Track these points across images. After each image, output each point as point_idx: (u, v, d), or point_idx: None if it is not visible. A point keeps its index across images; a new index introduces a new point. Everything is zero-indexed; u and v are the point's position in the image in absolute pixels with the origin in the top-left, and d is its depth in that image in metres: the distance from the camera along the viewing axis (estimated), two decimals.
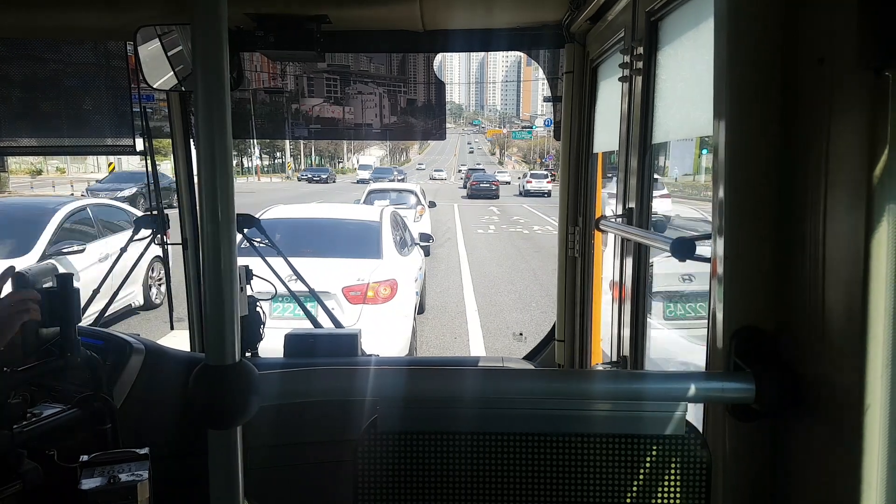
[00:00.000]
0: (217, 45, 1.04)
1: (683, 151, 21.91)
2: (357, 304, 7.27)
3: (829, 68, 1.09)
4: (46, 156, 45.64)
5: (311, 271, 5.41)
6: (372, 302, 7.33)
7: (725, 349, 1.30)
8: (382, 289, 7.43)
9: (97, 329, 2.97)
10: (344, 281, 7.33)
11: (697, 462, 1.32)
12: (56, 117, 3.08)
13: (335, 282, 7.29)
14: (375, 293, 7.37)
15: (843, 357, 1.07)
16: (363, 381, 1.27)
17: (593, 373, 1.96)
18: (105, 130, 3.05)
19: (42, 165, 64.00)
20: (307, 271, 4.17)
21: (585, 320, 3.01)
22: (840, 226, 1.07)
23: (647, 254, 2.26)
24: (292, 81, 3.53)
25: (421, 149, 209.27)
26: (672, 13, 1.93)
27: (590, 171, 2.93)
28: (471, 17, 2.90)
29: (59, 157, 66.32)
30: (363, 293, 7.32)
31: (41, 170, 62.27)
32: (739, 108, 1.26)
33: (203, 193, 1.06)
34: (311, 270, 5.66)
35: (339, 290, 7.27)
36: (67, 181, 50.51)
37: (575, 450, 1.33)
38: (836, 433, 1.10)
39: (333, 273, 7.41)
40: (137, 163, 48.52)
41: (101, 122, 3.05)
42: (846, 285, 1.06)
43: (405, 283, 7.97)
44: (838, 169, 1.07)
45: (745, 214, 1.27)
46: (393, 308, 7.49)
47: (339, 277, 7.35)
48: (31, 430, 1.98)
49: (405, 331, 7.74)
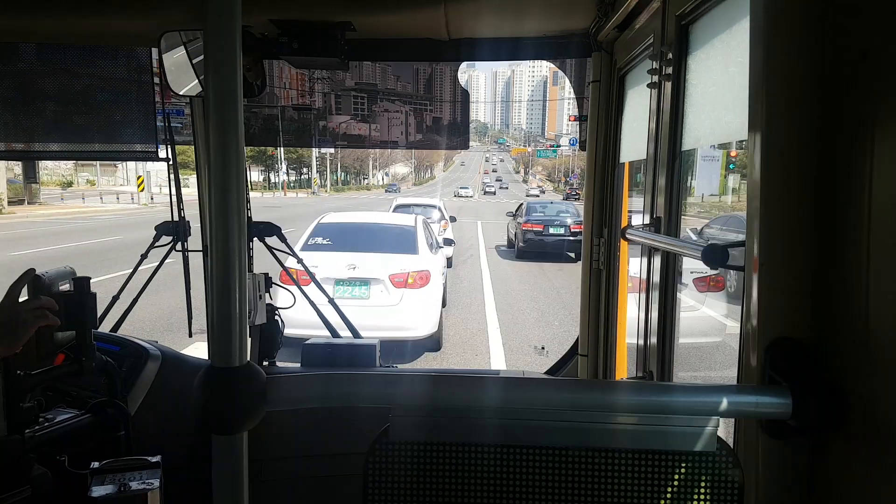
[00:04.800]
0: (230, 51, 1.04)
1: (709, 170, 21.53)
2: (400, 288, 9.36)
3: (874, 62, 1.03)
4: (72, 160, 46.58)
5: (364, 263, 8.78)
6: (411, 287, 9.43)
7: (760, 361, 1.24)
8: (419, 277, 9.53)
9: (114, 335, 2.96)
10: (390, 270, 9.41)
11: (728, 481, 1.25)
12: (80, 123, 3.11)
13: (383, 270, 9.37)
14: (414, 280, 9.46)
15: (888, 371, 1.01)
16: (375, 388, 1.23)
17: (618, 383, 1.89)
18: (129, 136, 3.08)
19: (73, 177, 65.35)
20: (361, 263, 6.86)
21: (610, 334, 2.94)
22: (886, 230, 1.01)
23: (675, 264, 2.19)
24: (320, 99, 3.56)
25: (446, 166, 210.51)
26: (703, 16, 1.89)
27: (616, 181, 2.88)
28: (496, 25, 2.88)
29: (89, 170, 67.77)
30: (405, 280, 9.41)
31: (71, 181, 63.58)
32: (776, 109, 1.21)
33: (214, 198, 1.05)
34: (364, 262, 9.08)
35: (386, 276, 9.34)
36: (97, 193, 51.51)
37: (598, 465, 1.27)
38: (880, 455, 1.03)
39: (381, 264, 9.51)
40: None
41: (125, 128, 3.08)
42: (893, 294, 0.99)
43: (435, 274, 10.07)
44: (884, 170, 1.01)
45: (782, 219, 1.22)
46: (427, 292, 9.58)
47: (385, 267, 9.44)
48: (42, 435, 1.96)
49: (436, 310, 9.84)
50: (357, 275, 9.21)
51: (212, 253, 1.07)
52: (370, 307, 9.07)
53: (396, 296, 9.29)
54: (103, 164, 66.02)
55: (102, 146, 3.14)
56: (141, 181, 45.10)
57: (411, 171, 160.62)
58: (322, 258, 9.24)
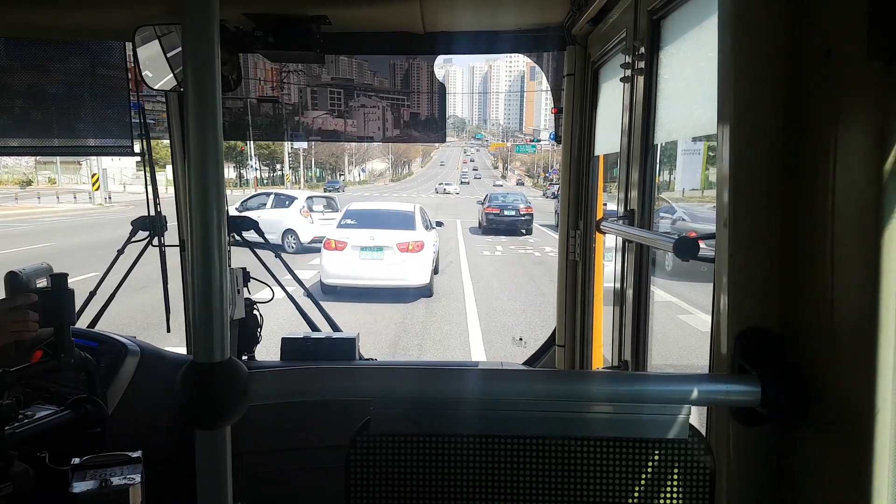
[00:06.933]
0: (208, 45, 1.03)
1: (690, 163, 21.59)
2: (403, 252, 14.66)
3: (837, 60, 1.05)
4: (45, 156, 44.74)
5: (379, 235, 14.60)
6: (410, 252, 14.73)
7: (730, 351, 1.26)
8: (416, 246, 14.83)
9: (92, 331, 2.94)
10: (396, 240, 14.79)
11: (701, 467, 1.28)
12: (54, 118, 3.06)
13: (392, 240, 14.74)
14: (413, 247, 14.77)
15: (852, 360, 1.03)
16: (356, 381, 1.24)
17: (593, 374, 1.92)
18: (103, 131, 3.04)
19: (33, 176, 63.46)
20: (377, 236, 14.40)
21: (586, 325, 2.98)
22: (849, 223, 1.04)
23: (649, 256, 2.23)
24: (296, 93, 3.53)
25: (424, 162, 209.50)
26: (674, 11, 1.92)
27: (591, 174, 2.91)
28: (472, 18, 2.89)
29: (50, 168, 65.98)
30: (407, 246, 14.72)
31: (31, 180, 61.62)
32: (744, 104, 1.23)
33: (193, 192, 1.05)
34: (379, 235, 14.68)
35: (394, 244, 14.67)
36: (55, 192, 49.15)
37: (574, 453, 1.29)
38: (844, 439, 1.06)
39: (390, 236, 14.87)
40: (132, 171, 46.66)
41: (99, 123, 3.04)
42: (856, 285, 1.02)
43: (427, 244, 15.46)
44: (847, 164, 1.04)
45: (749, 212, 1.24)
46: (421, 255, 14.91)
47: (392, 238, 14.83)
48: (22, 432, 1.95)
49: (428, 269, 15.09)
50: (375, 244, 14.68)
51: (191, 248, 1.07)
52: (383, 265, 14.55)
53: (401, 258, 14.60)
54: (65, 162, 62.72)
55: (75, 141, 3.11)
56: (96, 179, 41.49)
57: (388, 167, 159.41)
58: (352, 233, 14.98)
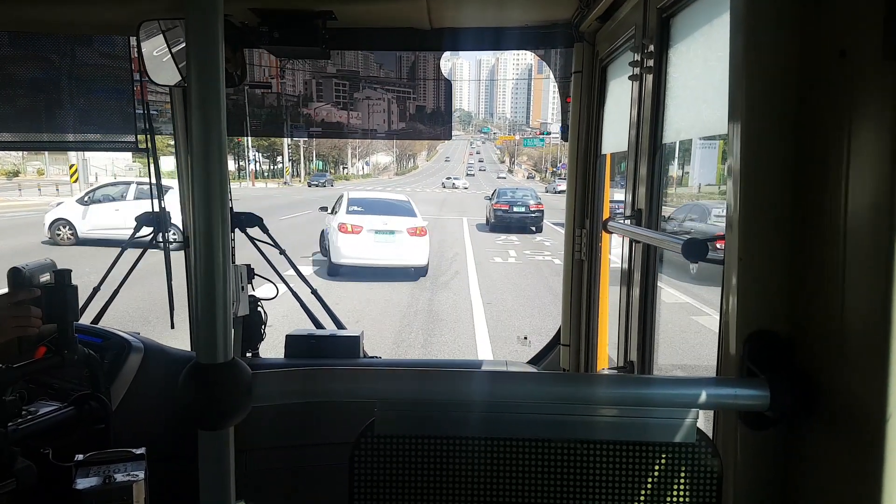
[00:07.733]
0: (212, 40, 1.02)
1: (706, 159, 21.47)
2: (413, 236, 16.98)
3: (852, 61, 1.04)
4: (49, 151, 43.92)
5: (391, 221, 17.26)
6: (417, 236, 17.07)
7: (738, 354, 1.25)
8: (420, 231, 17.16)
9: (95, 327, 2.94)
10: (406, 225, 17.08)
11: (708, 471, 1.27)
12: (58, 112, 3.06)
13: (402, 225, 17.04)
14: (419, 231, 17.12)
15: (861, 363, 1.02)
16: (361, 382, 1.23)
17: (600, 377, 1.91)
18: (106, 127, 3.03)
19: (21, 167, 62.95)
20: (390, 221, 17.18)
21: (591, 324, 2.96)
22: (860, 226, 1.02)
23: (656, 256, 2.21)
24: (301, 84, 3.50)
25: (429, 155, 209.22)
26: (685, 9, 1.89)
27: (598, 172, 2.89)
28: (479, 15, 2.87)
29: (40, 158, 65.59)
30: (415, 231, 17.06)
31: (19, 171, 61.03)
32: (756, 104, 1.21)
33: (196, 189, 1.04)
34: (391, 220, 17.31)
35: (404, 229, 16.97)
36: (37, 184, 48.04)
37: (580, 456, 1.28)
38: (853, 444, 1.05)
39: (401, 222, 17.21)
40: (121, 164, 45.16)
41: (103, 118, 3.03)
42: (866, 289, 1.01)
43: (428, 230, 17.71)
44: (860, 166, 1.02)
45: (760, 214, 1.22)
46: (424, 239, 17.16)
47: (401, 224, 17.12)
48: (26, 428, 1.95)
49: (427, 250, 17.20)
50: (388, 228, 16.94)
51: (195, 244, 1.06)
52: (394, 247, 16.72)
53: (410, 241, 16.96)
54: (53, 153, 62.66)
55: (79, 136, 3.10)
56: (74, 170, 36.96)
57: (393, 161, 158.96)
58: (363, 218, 17.12)
